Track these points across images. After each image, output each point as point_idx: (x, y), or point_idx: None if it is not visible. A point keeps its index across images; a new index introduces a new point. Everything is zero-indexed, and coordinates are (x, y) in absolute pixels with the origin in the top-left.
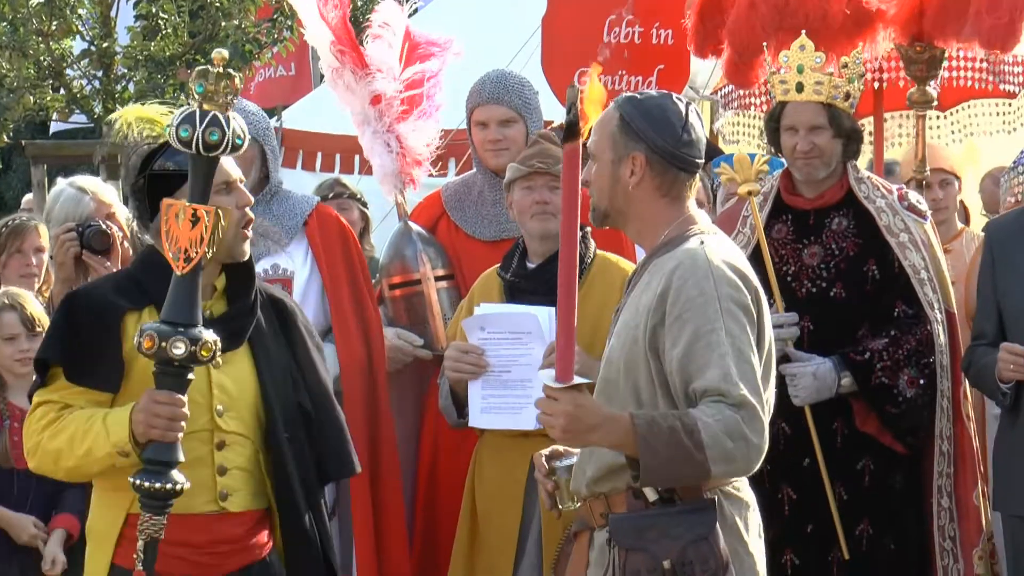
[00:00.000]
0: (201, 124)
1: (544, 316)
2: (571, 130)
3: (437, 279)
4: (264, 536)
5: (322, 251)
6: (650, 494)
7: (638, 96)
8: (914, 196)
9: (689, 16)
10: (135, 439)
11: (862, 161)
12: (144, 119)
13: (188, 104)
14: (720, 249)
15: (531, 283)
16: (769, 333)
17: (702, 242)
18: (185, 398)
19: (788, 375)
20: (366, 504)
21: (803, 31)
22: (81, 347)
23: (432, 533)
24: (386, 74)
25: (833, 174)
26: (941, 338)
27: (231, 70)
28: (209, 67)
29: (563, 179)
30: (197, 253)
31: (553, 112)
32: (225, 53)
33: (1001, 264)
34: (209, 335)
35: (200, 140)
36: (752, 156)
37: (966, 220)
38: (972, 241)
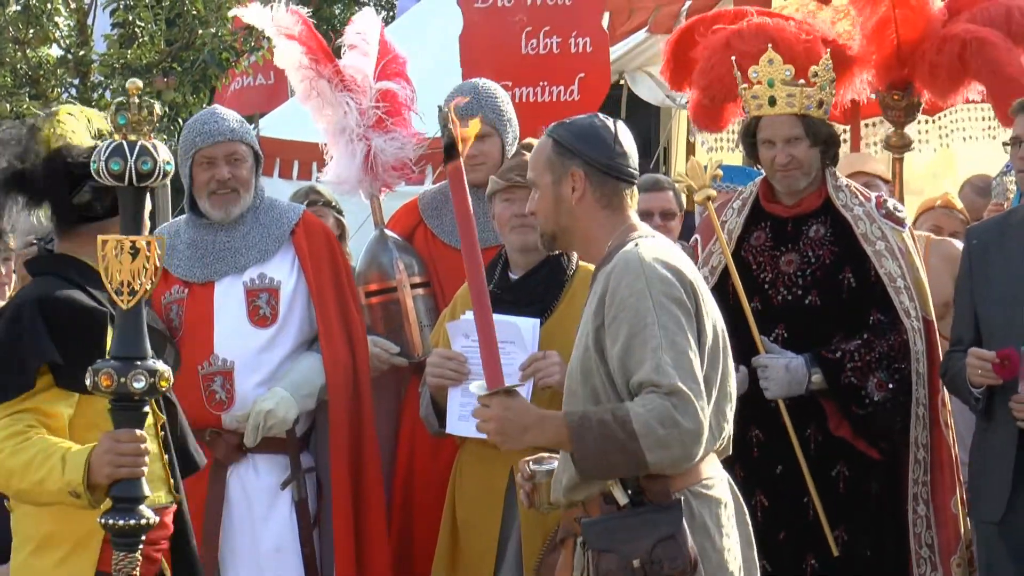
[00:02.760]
0: (132, 155)
1: (527, 327)
2: (450, 151)
3: (413, 287)
4: None
5: (309, 260)
6: (620, 497)
7: (566, 121)
8: (892, 204)
9: (664, 52)
10: (89, 483)
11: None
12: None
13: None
14: (654, 249)
15: (513, 294)
16: (712, 324)
17: (636, 244)
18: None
19: (760, 367)
20: (348, 509)
21: (769, 44)
22: (74, 351)
23: (407, 538)
24: (362, 83)
25: (812, 182)
26: (918, 345)
27: (216, 69)
28: (129, 98)
29: (452, 196)
30: (141, 285)
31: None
32: (140, 83)
33: (979, 270)
34: (161, 365)
35: (133, 171)
36: (710, 166)
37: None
38: (920, 243)
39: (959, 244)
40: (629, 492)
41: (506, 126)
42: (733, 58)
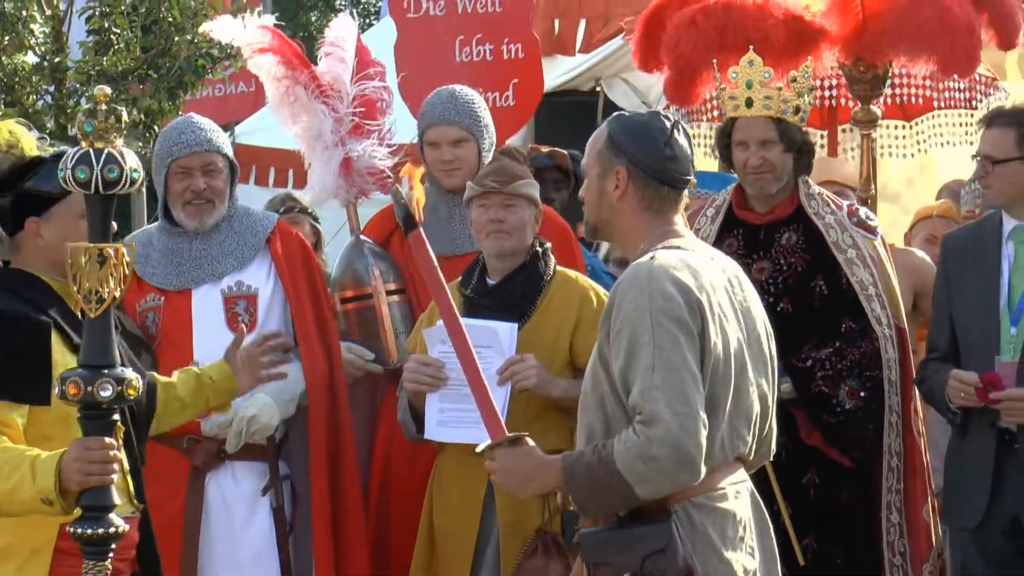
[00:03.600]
0: (98, 163)
1: (505, 331)
2: (408, 223)
3: (389, 293)
4: None
5: (285, 267)
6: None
7: (626, 114)
8: (864, 212)
9: (633, 34)
10: (61, 489)
11: None
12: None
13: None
14: (668, 262)
15: (491, 300)
16: (724, 341)
17: (652, 256)
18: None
19: None
20: (327, 516)
21: (751, 47)
22: (14, 362)
23: (384, 545)
24: (338, 87)
25: (784, 189)
26: (890, 353)
27: (192, 76)
28: (96, 105)
29: (419, 263)
30: (109, 294)
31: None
32: (107, 90)
33: (954, 277)
34: (131, 373)
35: (99, 179)
36: None
37: None
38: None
39: (921, 254)
40: None
41: (483, 132)
42: (715, 61)
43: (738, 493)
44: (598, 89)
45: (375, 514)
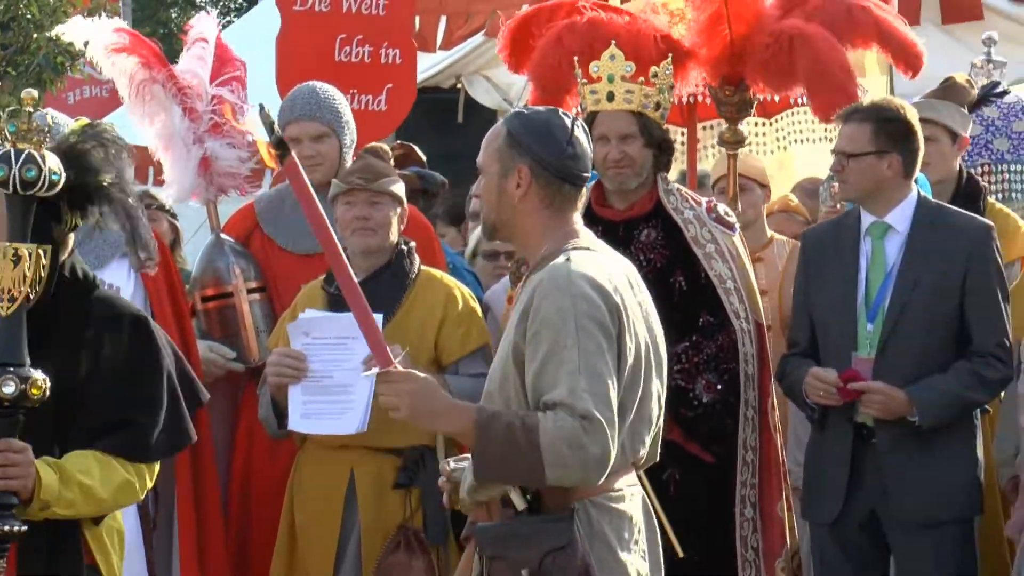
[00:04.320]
0: (17, 163)
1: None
2: (281, 146)
3: (249, 292)
4: None
5: None
6: (518, 502)
7: (525, 111)
8: (722, 208)
9: (502, 36)
10: None
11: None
12: None
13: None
14: (585, 265)
15: None
16: (635, 345)
17: (568, 258)
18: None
19: None
20: (191, 513)
21: (613, 41)
22: None
23: (244, 541)
24: (197, 86)
25: (643, 185)
26: (746, 347)
27: (51, 73)
28: (21, 107)
29: (295, 189)
30: (21, 292)
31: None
32: (35, 93)
33: (813, 274)
34: (39, 374)
35: (17, 178)
36: None
37: None
38: (784, 249)
39: None
40: (528, 497)
41: (344, 128)
42: (576, 58)
43: (632, 495)
44: (459, 86)
45: (236, 511)
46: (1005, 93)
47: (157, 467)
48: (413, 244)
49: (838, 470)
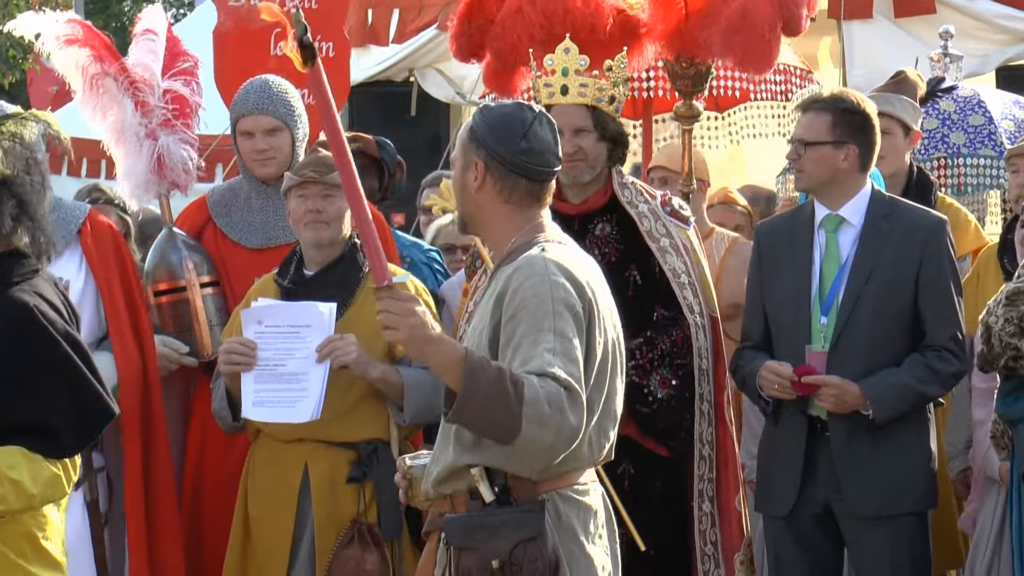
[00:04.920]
0: None
1: (326, 310)
2: (308, 52)
3: (202, 286)
4: None
5: (96, 259)
6: (486, 494)
7: (491, 106)
8: (677, 202)
9: (451, 20)
10: None
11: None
12: None
13: None
14: (560, 256)
15: (308, 290)
16: (603, 343)
17: (543, 249)
18: None
19: None
20: (141, 508)
21: (568, 34)
22: None
23: (198, 536)
24: (149, 79)
25: (598, 179)
26: (701, 340)
27: (3, 66)
28: None
29: (316, 102)
30: None
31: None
32: None
33: (767, 266)
34: None
35: None
36: None
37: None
38: (723, 242)
39: None
40: (495, 489)
41: (296, 122)
42: (531, 50)
43: (595, 489)
44: (412, 79)
45: (189, 505)
46: (953, 88)
47: (78, 458)
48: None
49: (792, 463)
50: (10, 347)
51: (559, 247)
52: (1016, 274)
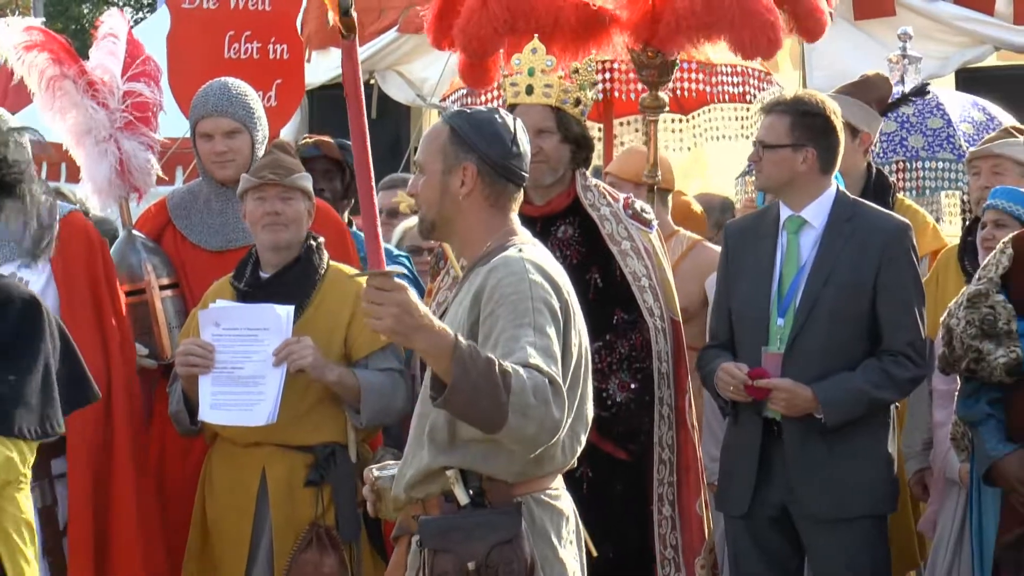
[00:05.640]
0: None
1: (282, 313)
2: (349, 23)
3: (162, 288)
4: None
5: (61, 262)
6: (461, 497)
7: (467, 111)
8: (639, 205)
9: (424, 13)
10: None
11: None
12: None
13: None
14: (536, 257)
15: (264, 293)
16: (578, 345)
17: (520, 250)
18: None
19: None
20: (85, 515)
21: (535, 35)
22: None
23: (156, 539)
24: (109, 82)
25: (561, 181)
26: (660, 344)
27: None
28: None
29: (344, 74)
30: None
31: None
32: None
33: (733, 265)
34: None
35: None
36: None
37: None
38: (681, 245)
39: (718, 248)
40: (470, 492)
41: (256, 124)
42: (501, 51)
43: (566, 496)
44: (372, 81)
45: None
46: (925, 92)
47: (35, 446)
48: (322, 240)
49: (747, 463)
50: (17, 324)
51: (535, 248)
52: (977, 276)
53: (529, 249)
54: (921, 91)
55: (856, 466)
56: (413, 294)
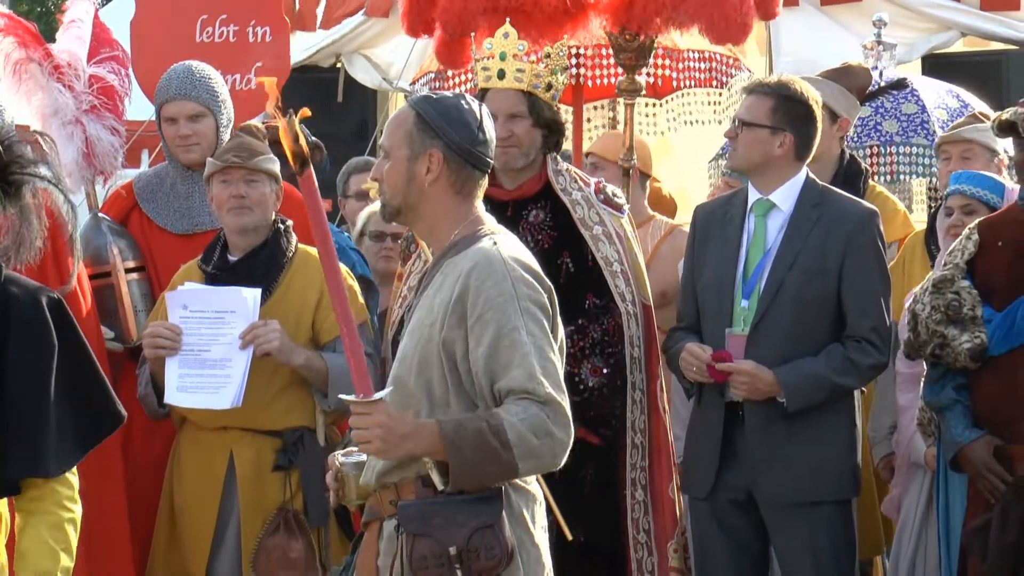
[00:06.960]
0: None
1: (250, 296)
2: (302, 160)
3: (128, 271)
4: None
5: None
6: (438, 482)
7: (433, 96)
8: (611, 189)
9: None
10: None
11: None
12: None
13: None
14: (512, 249)
15: (232, 276)
16: (561, 332)
17: (495, 243)
18: None
19: None
20: None
21: (508, 19)
22: None
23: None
24: (75, 66)
25: (532, 165)
26: (632, 329)
27: None
28: None
29: (307, 206)
30: None
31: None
32: None
33: (700, 249)
34: None
35: None
36: None
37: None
38: (660, 229)
39: None
40: (446, 477)
41: (220, 107)
42: (472, 34)
43: (536, 478)
44: (339, 65)
45: None
46: (904, 86)
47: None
48: (290, 223)
49: (710, 445)
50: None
51: (506, 238)
52: (943, 262)
53: (502, 239)
54: (900, 84)
55: (818, 451)
56: (390, 408)
